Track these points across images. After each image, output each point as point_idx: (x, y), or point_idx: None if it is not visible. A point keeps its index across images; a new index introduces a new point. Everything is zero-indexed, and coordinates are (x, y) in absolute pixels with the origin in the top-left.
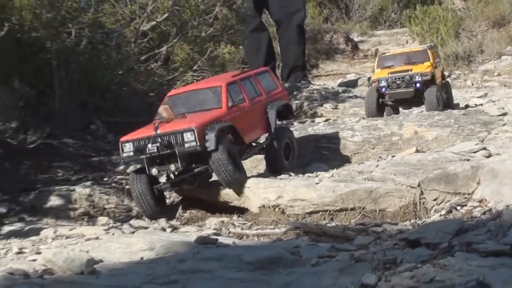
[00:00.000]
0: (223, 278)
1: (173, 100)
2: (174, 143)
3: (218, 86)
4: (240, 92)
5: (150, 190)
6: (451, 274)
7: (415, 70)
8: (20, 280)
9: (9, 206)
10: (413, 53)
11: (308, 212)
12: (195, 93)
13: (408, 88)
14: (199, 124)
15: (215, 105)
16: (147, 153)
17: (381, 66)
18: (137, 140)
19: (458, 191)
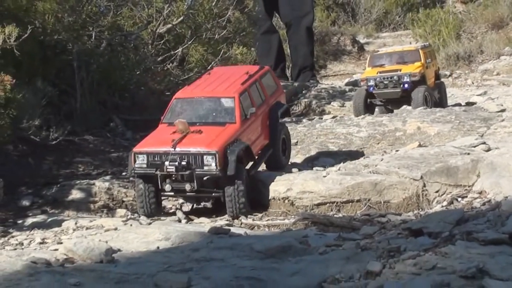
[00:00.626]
0: (235, 266)
1: (182, 105)
2: (193, 163)
3: (231, 97)
4: (250, 102)
5: (156, 195)
6: (452, 262)
7: (404, 70)
8: (43, 268)
9: (32, 199)
10: (405, 53)
11: (316, 203)
12: (206, 101)
13: (396, 88)
14: (219, 146)
15: (228, 120)
16: (164, 171)
17: (372, 64)
18: (153, 154)
19: (459, 183)
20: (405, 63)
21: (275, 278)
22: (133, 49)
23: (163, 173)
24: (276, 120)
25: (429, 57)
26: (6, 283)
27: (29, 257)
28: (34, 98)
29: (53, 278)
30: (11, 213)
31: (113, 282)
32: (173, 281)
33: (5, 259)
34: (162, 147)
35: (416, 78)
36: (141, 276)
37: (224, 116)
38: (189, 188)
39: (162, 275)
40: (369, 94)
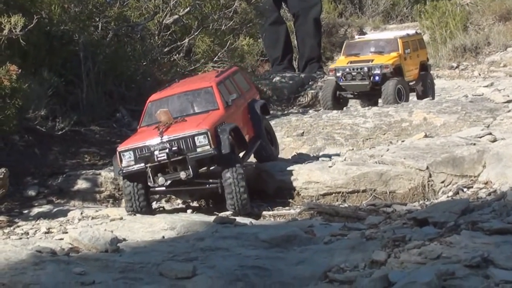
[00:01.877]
0: (240, 255)
1: (158, 106)
2: (185, 148)
3: (209, 87)
4: (228, 92)
5: (145, 192)
6: (457, 251)
7: (376, 61)
8: (48, 257)
9: (38, 189)
10: (382, 42)
11: (321, 194)
12: (183, 96)
13: (364, 80)
14: (210, 125)
15: (210, 107)
16: (155, 161)
17: (347, 53)
18: (140, 148)
19: (465, 173)
20: (381, 53)
21: (280, 267)
22: (139, 40)
23: (154, 164)
24: (256, 113)
25: (411, 47)
26: (12, 271)
27: (34, 246)
28: (40, 88)
29: (58, 267)
30: (17, 203)
31: (118, 271)
32: (178, 270)
33: (11, 248)
34: (148, 140)
35: (387, 70)
36: (146, 265)
37: (205, 105)
38: (185, 176)
39: (167, 264)
40: (338, 86)
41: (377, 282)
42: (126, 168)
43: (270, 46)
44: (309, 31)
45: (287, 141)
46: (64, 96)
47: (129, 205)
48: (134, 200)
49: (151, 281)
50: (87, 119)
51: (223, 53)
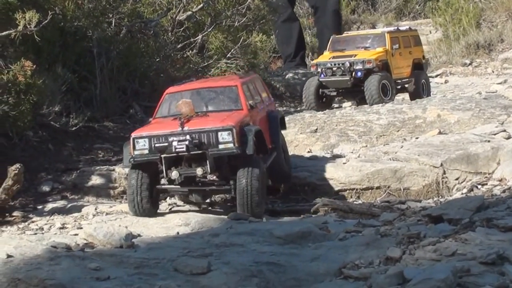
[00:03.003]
0: (255, 251)
1: (176, 98)
2: (206, 142)
3: (234, 86)
4: (251, 95)
5: (150, 191)
6: (472, 248)
7: (359, 56)
8: (63, 252)
9: (52, 185)
10: (369, 37)
11: (336, 190)
12: (205, 92)
13: (344, 76)
14: (235, 122)
15: (233, 106)
16: (172, 152)
17: (332, 48)
18: (157, 136)
19: (479, 170)
20: (367, 48)
21: (294, 263)
22: (152, 36)
23: (170, 156)
24: (276, 123)
25: (401, 43)
26: (27, 267)
27: (49, 241)
28: (54, 84)
29: (73, 262)
30: (31, 199)
31: (133, 267)
32: (193, 266)
33: (26, 243)
34: (167, 129)
35: (370, 66)
36: (161, 261)
37: (228, 104)
38: (201, 173)
39: (182, 260)
40: (322, 84)
41: (392, 278)
42: (138, 157)
43: (283, 42)
44: (328, 23)
45: (300, 137)
46: (78, 92)
47: (131, 205)
48: (136, 201)
49: (166, 276)
50: (100, 115)
51: (236, 49)
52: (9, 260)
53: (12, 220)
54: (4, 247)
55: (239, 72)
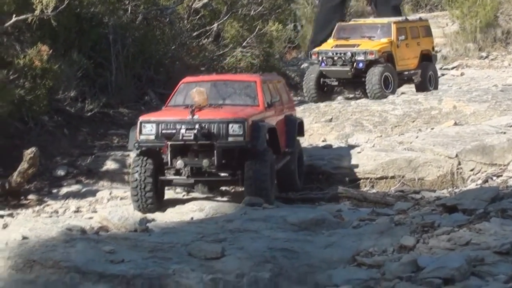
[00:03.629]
0: (269, 238)
1: (192, 88)
2: (216, 133)
3: (252, 81)
4: (270, 94)
5: (154, 181)
6: (487, 238)
7: (362, 46)
8: (78, 235)
9: (67, 169)
10: (375, 26)
11: (350, 179)
12: (222, 84)
13: (345, 66)
14: (248, 116)
15: (250, 102)
16: (180, 140)
17: (337, 36)
18: (165, 122)
19: (494, 162)
20: (372, 37)
21: (308, 250)
22: (168, 24)
23: (177, 144)
24: (294, 127)
25: (408, 33)
26: (42, 248)
27: (64, 224)
28: (70, 70)
29: (88, 245)
30: (46, 182)
31: (147, 251)
32: (207, 251)
33: (41, 225)
34: (176, 116)
35: (373, 57)
36: (175, 245)
37: (245, 99)
38: (207, 164)
39: (196, 245)
40: (322, 73)
41: (406, 266)
42: (144, 142)
43: (320, 25)
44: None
45: (315, 127)
46: (93, 78)
47: (135, 199)
48: (140, 192)
49: (180, 261)
50: (115, 102)
51: (252, 38)
52: (24, 242)
53: (27, 203)
54: (19, 229)
55: (254, 61)
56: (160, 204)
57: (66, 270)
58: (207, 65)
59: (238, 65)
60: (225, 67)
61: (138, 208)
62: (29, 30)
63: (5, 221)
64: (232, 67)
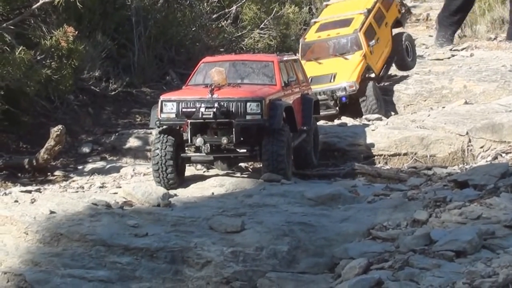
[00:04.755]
0: (287, 212)
1: (211, 68)
2: (234, 111)
3: (270, 61)
4: (287, 74)
5: (175, 158)
6: (497, 212)
7: (338, 78)
8: (103, 210)
9: (92, 146)
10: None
11: (364, 156)
12: (241, 64)
13: (330, 109)
14: (265, 95)
15: (267, 81)
16: (200, 118)
17: (304, 56)
18: (185, 101)
19: (504, 139)
20: (344, 54)
21: (325, 224)
22: (189, 6)
23: (197, 121)
24: (310, 106)
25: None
26: (69, 222)
27: (90, 199)
28: (94, 50)
29: (113, 219)
30: (72, 159)
31: (170, 225)
32: (228, 225)
33: (68, 200)
34: (196, 95)
35: (353, 89)
36: (197, 219)
37: (262, 78)
38: (226, 141)
39: (217, 219)
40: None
41: (419, 239)
42: (165, 120)
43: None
44: None
45: None
46: (117, 59)
47: (155, 174)
48: (161, 169)
49: (201, 234)
50: (138, 81)
51: (269, 20)
52: (51, 216)
53: (54, 179)
54: (47, 204)
55: (272, 42)
56: (181, 180)
57: (92, 243)
58: (226, 46)
59: (256, 46)
60: (243, 48)
61: (159, 184)
62: (55, 12)
63: (33, 196)
64: (250, 48)
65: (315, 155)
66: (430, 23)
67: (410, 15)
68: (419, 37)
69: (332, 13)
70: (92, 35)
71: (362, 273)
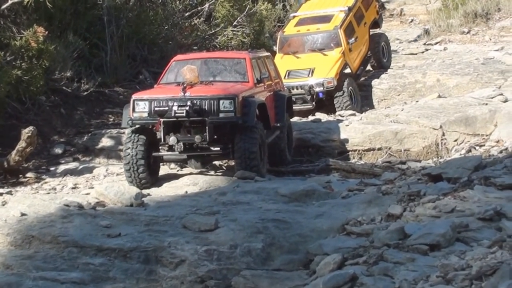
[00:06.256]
0: (261, 209)
1: (183, 66)
2: (207, 109)
3: (242, 58)
4: (259, 70)
5: (146, 158)
6: (471, 205)
7: (317, 72)
8: (75, 211)
9: (64, 147)
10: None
11: (339, 151)
12: (212, 62)
13: (306, 104)
14: (238, 92)
15: (240, 78)
16: (172, 116)
17: (282, 50)
18: (158, 100)
19: (477, 132)
20: (322, 50)
21: (299, 220)
22: (161, 5)
23: (170, 120)
24: (283, 103)
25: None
26: (40, 224)
27: (62, 200)
28: (66, 51)
29: (85, 220)
30: (44, 161)
31: (143, 224)
32: (201, 223)
33: (39, 202)
34: (168, 94)
35: (331, 85)
36: (170, 218)
37: (235, 75)
38: (200, 140)
39: (190, 218)
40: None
41: (394, 234)
42: (137, 119)
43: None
44: None
45: None
46: (89, 58)
47: (128, 175)
48: (133, 168)
49: (175, 233)
50: (111, 81)
51: (242, 17)
52: (23, 218)
53: (25, 181)
54: (18, 206)
55: (245, 39)
56: (154, 180)
57: (64, 245)
58: (200, 44)
59: (229, 44)
60: (217, 46)
61: (131, 183)
62: (25, 13)
63: (4, 199)
64: (224, 45)
65: (289, 152)
66: (404, 18)
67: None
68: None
69: (312, 8)
70: (63, 35)
71: (336, 268)
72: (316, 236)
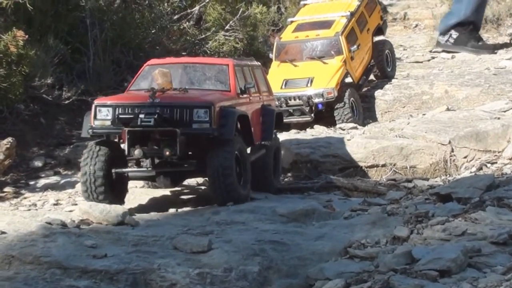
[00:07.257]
0: (257, 229)
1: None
2: (179, 119)
3: (224, 65)
4: (244, 80)
5: (105, 172)
6: (483, 228)
7: (316, 82)
8: (58, 229)
9: (45, 160)
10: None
11: (339, 168)
12: (191, 68)
13: (304, 116)
14: (215, 100)
15: (220, 87)
16: (138, 125)
17: (280, 58)
18: (123, 106)
19: (489, 148)
20: (322, 58)
21: (298, 242)
22: (148, 7)
23: (135, 130)
24: (271, 118)
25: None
26: (21, 243)
27: (44, 218)
28: (46, 56)
29: (69, 239)
30: (23, 174)
31: (130, 245)
32: (193, 244)
33: (19, 219)
34: (134, 100)
35: (332, 96)
36: (160, 238)
37: (215, 83)
38: (169, 154)
39: (181, 238)
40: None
41: (400, 258)
42: (98, 128)
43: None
44: None
45: None
46: (71, 64)
47: (83, 189)
48: (90, 184)
49: (165, 254)
50: (94, 88)
51: (235, 21)
52: (2, 237)
53: (4, 196)
54: None
55: (238, 45)
56: (119, 200)
57: (47, 266)
58: (189, 49)
59: (221, 49)
60: (207, 51)
61: (87, 199)
62: (3, 15)
63: None
64: (215, 51)
65: (276, 176)
66: (408, 23)
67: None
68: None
69: (311, 13)
70: (43, 39)
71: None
72: (317, 259)
